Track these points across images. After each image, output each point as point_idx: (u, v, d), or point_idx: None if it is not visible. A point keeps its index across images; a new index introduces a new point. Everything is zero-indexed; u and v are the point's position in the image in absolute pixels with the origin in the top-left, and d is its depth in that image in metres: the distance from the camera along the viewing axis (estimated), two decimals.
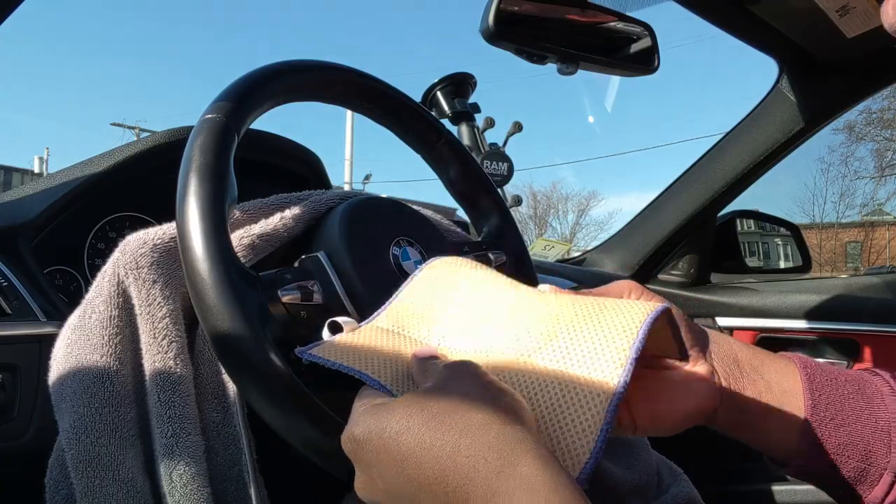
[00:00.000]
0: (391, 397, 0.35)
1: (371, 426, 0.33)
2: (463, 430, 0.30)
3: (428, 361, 0.38)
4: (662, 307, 0.40)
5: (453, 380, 0.34)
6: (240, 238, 0.51)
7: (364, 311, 0.48)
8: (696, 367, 0.45)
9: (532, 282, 0.64)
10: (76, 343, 0.50)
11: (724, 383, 0.45)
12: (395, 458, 0.31)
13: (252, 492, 0.49)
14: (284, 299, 0.45)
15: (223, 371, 0.50)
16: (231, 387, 0.51)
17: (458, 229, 0.67)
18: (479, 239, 0.65)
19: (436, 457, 0.30)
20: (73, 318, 0.52)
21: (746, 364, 0.46)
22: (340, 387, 0.54)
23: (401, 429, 0.31)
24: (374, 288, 0.49)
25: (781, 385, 0.45)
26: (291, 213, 0.54)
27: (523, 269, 0.63)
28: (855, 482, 0.43)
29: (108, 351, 0.49)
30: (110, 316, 0.49)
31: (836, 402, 0.43)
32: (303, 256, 0.51)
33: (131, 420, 0.49)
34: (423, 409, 0.32)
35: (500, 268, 0.62)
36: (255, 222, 0.53)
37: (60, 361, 0.50)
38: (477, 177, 0.64)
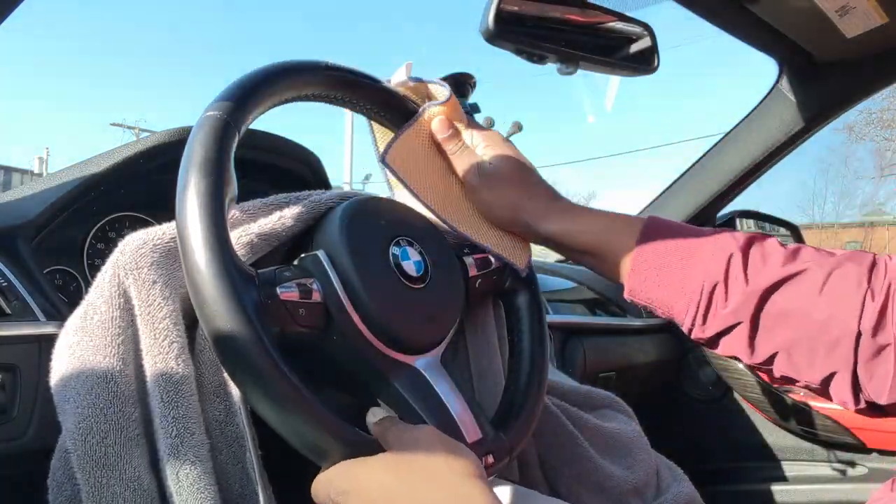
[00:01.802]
0: (365, 457, 0.42)
1: (357, 480, 0.40)
2: (431, 482, 0.39)
3: (389, 428, 0.44)
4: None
5: (418, 443, 0.42)
6: (238, 237, 0.51)
7: (363, 310, 0.48)
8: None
9: (532, 283, 0.64)
10: (78, 344, 0.50)
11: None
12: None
13: (258, 489, 0.49)
14: (283, 297, 0.45)
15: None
16: (233, 385, 0.51)
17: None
18: None
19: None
20: (75, 320, 0.52)
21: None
22: (340, 386, 0.54)
23: (383, 481, 0.40)
24: (373, 287, 0.49)
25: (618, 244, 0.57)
26: (291, 212, 0.54)
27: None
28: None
29: (112, 352, 0.49)
30: (112, 317, 0.49)
31: (658, 265, 0.54)
32: (302, 255, 0.51)
33: (136, 419, 0.49)
34: (400, 467, 0.40)
35: (501, 270, 0.62)
36: (255, 221, 0.53)
37: (63, 363, 0.50)
38: None
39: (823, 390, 0.50)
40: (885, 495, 0.42)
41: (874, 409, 0.50)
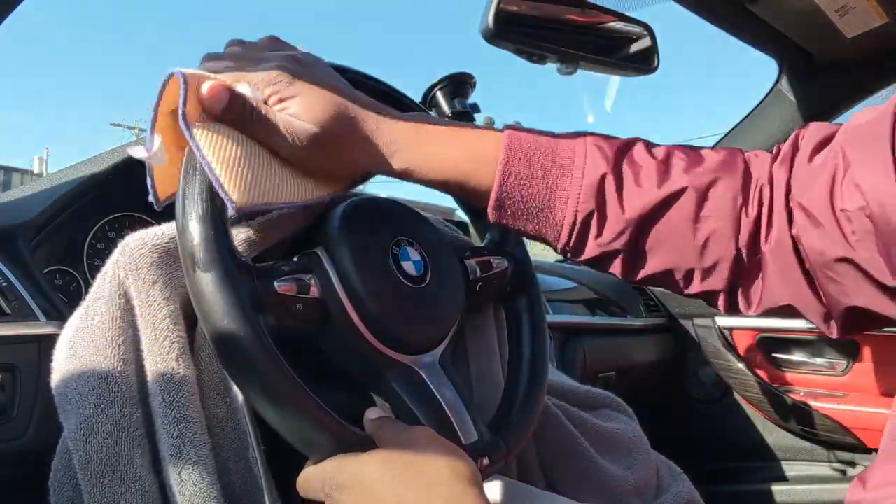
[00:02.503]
0: (359, 453, 0.42)
1: (352, 475, 0.40)
2: (423, 484, 0.39)
3: (384, 426, 0.44)
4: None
5: (413, 444, 0.42)
6: (236, 233, 0.51)
7: (362, 308, 0.48)
8: None
9: (533, 288, 0.64)
10: (79, 345, 0.50)
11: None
12: (369, 501, 0.39)
13: (261, 483, 0.49)
14: (280, 290, 0.45)
15: None
16: (233, 382, 0.51)
17: (459, 232, 0.67)
18: (483, 244, 0.65)
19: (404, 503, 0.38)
20: (75, 320, 0.52)
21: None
22: (337, 383, 0.54)
23: (376, 478, 0.39)
24: (372, 285, 0.49)
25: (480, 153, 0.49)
26: (290, 211, 0.54)
27: (525, 275, 0.63)
28: (541, 236, 0.51)
29: (112, 353, 0.49)
30: (112, 317, 0.49)
31: (523, 186, 0.48)
32: (301, 252, 0.51)
33: (137, 420, 0.49)
34: (393, 466, 0.40)
35: (503, 275, 0.62)
36: (253, 219, 0.53)
37: (63, 364, 0.50)
38: None
39: (697, 297, 0.52)
40: (860, 496, 0.42)
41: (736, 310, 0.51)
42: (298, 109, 0.45)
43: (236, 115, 0.44)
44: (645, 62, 0.72)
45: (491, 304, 0.67)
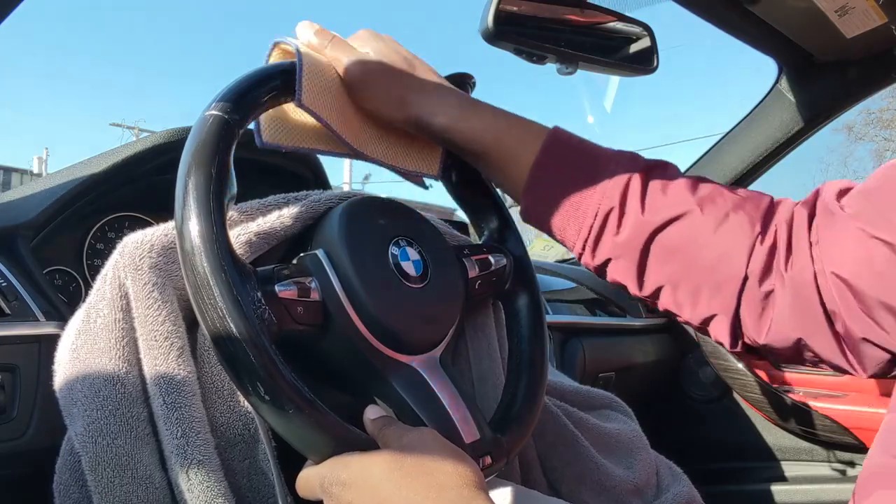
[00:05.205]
0: (363, 452, 0.42)
1: (356, 473, 0.40)
2: (431, 488, 0.38)
3: (386, 427, 0.44)
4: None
5: (420, 446, 0.42)
6: (237, 235, 0.51)
7: (362, 309, 0.48)
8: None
9: (532, 285, 0.64)
10: (82, 347, 0.50)
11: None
12: (375, 500, 0.39)
13: (273, 481, 0.49)
14: (281, 294, 0.45)
15: None
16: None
17: (457, 232, 0.67)
18: (481, 242, 0.65)
19: None
20: (77, 323, 0.52)
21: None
22: (338, 384, 0.54)
23: (383, 478, 0.39)
24: (372, 286, 0.49)
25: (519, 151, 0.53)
26: (289, 212, 0.54)
27: (524, 272, 0.63)
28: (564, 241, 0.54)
29: (116, 354, 0.49)
30: (115, 319, 0.49)
31: (555, 184, 0.52)
32: (301, 254, 0.51)
33: (144, 419, 0.49)
34: (401, 467, 0.40)
35: (502, 273, 0.62)
36: (253, 221, 0.53)
37: (67, 366, 0.50)
38: (478, 180, 0.64)
39: (703, 329, 0.51)
40: None
41: (750, 350, 0.51)
42: (370, 49, 0.54)
43: (319, 39, 0.54)
44: (644, 62, 0.72)
45: (491, 303, 0.67)
